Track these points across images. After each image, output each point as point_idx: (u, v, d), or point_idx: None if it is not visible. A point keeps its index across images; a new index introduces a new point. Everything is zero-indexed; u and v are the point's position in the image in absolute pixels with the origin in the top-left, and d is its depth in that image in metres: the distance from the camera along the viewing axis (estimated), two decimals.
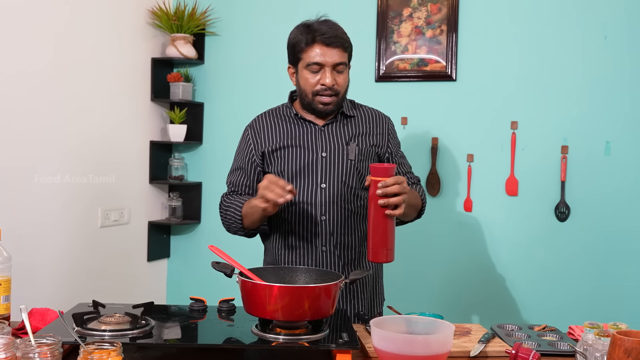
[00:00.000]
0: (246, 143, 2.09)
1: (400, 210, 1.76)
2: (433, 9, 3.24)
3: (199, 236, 3.67)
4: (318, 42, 1.93)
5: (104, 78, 3.19)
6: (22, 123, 2.74)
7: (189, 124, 3.60)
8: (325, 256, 2.01)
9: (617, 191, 3.05)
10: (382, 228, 1.76)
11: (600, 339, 1.54)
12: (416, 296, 3.28)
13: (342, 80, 1.98)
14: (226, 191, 2.11)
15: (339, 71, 1.96)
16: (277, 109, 2.12)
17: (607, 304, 3.04)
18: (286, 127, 2.05)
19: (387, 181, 1.72)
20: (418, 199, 2.06)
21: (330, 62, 1.93)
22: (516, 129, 3.15)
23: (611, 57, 3.04)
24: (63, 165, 2.94)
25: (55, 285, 2.91)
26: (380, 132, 2.10)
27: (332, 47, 1.93)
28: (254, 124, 2.11)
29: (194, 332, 1.63)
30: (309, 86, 1.97)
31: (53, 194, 2.90)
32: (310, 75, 1.96)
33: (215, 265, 1.65)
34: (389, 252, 1.79)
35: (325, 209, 2.00)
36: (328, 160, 2.01)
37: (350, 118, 2.07)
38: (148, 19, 3.48)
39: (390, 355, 1.43)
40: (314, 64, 1.94)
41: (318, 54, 1.93)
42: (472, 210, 3.22)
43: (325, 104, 1.98)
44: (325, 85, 1.94)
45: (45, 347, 1.28)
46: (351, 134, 2.05)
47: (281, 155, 2.03)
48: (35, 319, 1.70)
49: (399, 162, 2.12)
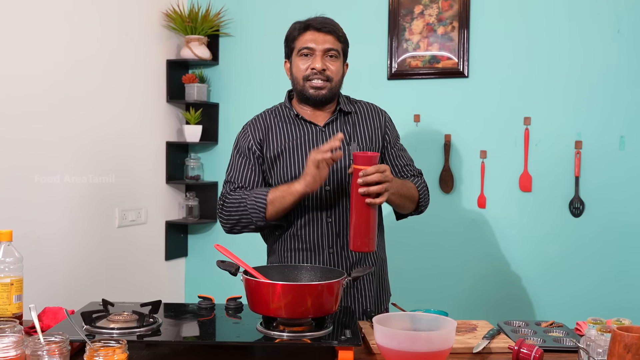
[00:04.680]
0: (246, 140, 2.06)
1: (382, 199, 1.76)
2: (444, 6, 3.24)
3: (216, 235, 3.71)
4: (310, 29, 1.98)
5: (120, 80, 3.24)
6: (42, 123, 2.81)
7: (204, 124, 3.64)
8: (332, 258, 2.01)
9: (632, 186, 3.02)
10: (364, 217, 1.76)
11: (603, 334, 1.55)
12: (429, 293, 3.29)
13: (335, 67, 1.99)
14: (226, 188, 2.04)
15: (331, 56, 1.98)
16: (276, 109, 2.12)
17: (621, 299, 3.01)
18: (287, 129, 2.05)
19: (368, 170, 1.73)
20: (412, 189, 2.04)
21: (321, 47, 1.96)
22: (529, 124, 3.14)
23: (625, 51, 3.02)
24: (80, 166, 3.00)
25: (73, 285, 2.97)
26: (379, 126, 2.10)
27: (324, 32, 1.96)
28: (254, 122, 2.09)
29: (201, 329, 1.66)
30: (300, 72, 1.99)
31: (71, 194, 2.96)
32: (301, 62, 1.99)
33: (220, 264, 1.68)
34: (370, 241, 1.78)
35: (330, 211, 2.00)
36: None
37: (348, 115, 2.08)
38: (162, 21, 3.53)
39: (393, 352, 1.45)
40: (305, 48, 1.97)
41: (309, 39, 1.97)
42: (486, 207, 3.22)
43: (317, 88, 1.98)
44: (316, 69, 1.96)
45: (53, 344, 1.32)
46: (351, 133, 2.05)
47: (284, 160, 2.02)
48: (48, 317, 1.75)
49: (397, 155, 2.12)
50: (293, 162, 2.02)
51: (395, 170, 2.11)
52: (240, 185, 2.04)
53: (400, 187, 1.96)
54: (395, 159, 2.12)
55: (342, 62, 2.03)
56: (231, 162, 2.10)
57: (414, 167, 2.15)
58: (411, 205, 2.07)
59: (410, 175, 2.12)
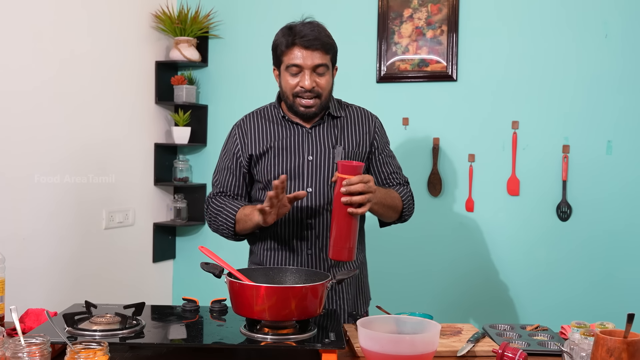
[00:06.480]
0: (233, 143, 2.09)
1: (364, 209, 1.77)
2: (433, 10, 3.25)
3: (204, 237, 3.70)
4: (297, 45, 1.94)
5: (108, 81, 3.23)
6: (27, 124, 2.79)
7: (193, 126, 3.63)
8: (310, 259, 2.02)
9: (619, 190, 3.04)
10: (345, 226, 1.77)
11: (587, 338, 1.55)
12: (415, 296, 3.29)
13: (324, 82, 1.98)
14: (213, 191, 2.11)
15: (319, 73, 1.97)
16: (265, 109, 2.13)
17: (608, 303, 3.02)
18: (274, 129, 2.06)
19: (352, 179, 1.74)
20: (397, 199, 2.05)
21: (310, 65, 1.94)
22: (517, 128, 3.15)
23: (612, 56, 3.03)
24: (67, 167, 2.99)
25: (59, 287, 2.95)
26: (367, 131, 2.10)
27: (312, 49, 1.93)
28: (242, 124, 2.11)
29: (184, 332, 1.65)
30: (289, 88, 1.98)
31: (57, 196, 2.94)
32: (290, 78, 1.97)
33: (204, 266, 1.67)
34: (350, 250, 1.80)
35: (311, 212, 2.00)
36: (314, 164, 2.01)
37: (337, 119, 2.08)
38: (152, 22, 3.52)
39: (377, 355, 1.45)
40: (293, 66, 1.95)
41: (297, 56, 1.94)
42: (474, 210, 3.23)
43: (307, 107, 1.98)
44: (304, 88, 1.95)
45: (34, 346, 1.31)
46: (338, 137, 2.05)
47: (268, 158, 2.03)
48: (31, 319, 1.73)
49: (385, 161, 2.12)
50: (278, 161, 2.02)
51: (382, 177, 2.12)
52: (222, 191, 2.10)
53: (384, 197, 1.96)
54: (382, 165, 2.12)
55: (331, 72, 2.02)
56: (218, 163, 2.13)
57: (401, 175, 2.16)
58: (394, 215, 2.08)
59: (396, 184, 2.12)
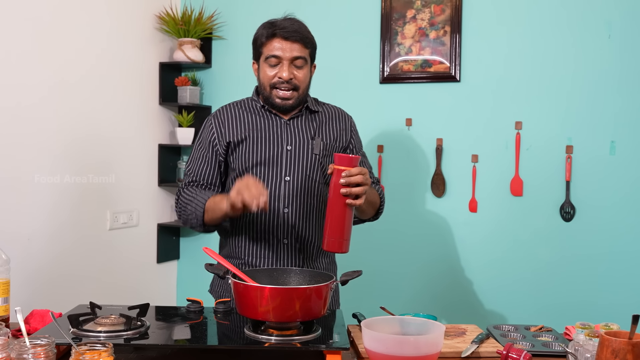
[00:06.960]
0: (209, 132, 2.08)
1: (361, 201, 1.78)
2: (436, 10, 3.25)
3: (208, 237, 3.69)
4: (277, 36, 1.97)
5: (113, 83, 3.24)
6: (33, 125, 2.80)
7: (196, 127, 3.64)
8: (286, 249, 2.03)
9: (623, 191, 3.03)
10: (341, 217, 1.78)
11: (591, 339, 1.55)
12: (419, 297, 3.29)
13: (302, 75, 2.00)
14: (184, 181, 2.10)
15: (297, 66, 1.99)
16: (242, 102, 2.14)
17: (613, 304, 3.01)
18: (251, 118, 2.07)
19: (352, 170, 1.75)
20: (377, 196, 2.08)
21: (289, 57, 1.96)
22: (520, 129, 3.15)
23: (615, 56, 3.03)
24: (71, 168, 2.99)
25: (63, 287, 2.95)
26: (343, 129, 2.13)
27: (291, 41, 1.96)
28: (218, 114, 2.10)
29: (189, 333, 1.66)
30: (267, 79, 2.00)
31: (61, 197, 2.95)
32: (268, 69, 2.00)
33: (209, 267, 1.67)
34: (344, 242, 1.80)
35: (288, 201, 2.01)
36: (293, 154, 2.03)
37: (315, 113, 2.11)
38: (155, 24, 3.53)
39: (381, 356, 1.45)
40: (272, 57, 1.97)
41: (276, 47, 1.97)
42: (477, 211, 3.22)
43: (284, 99, 2.00)
44: (282, 79, 1.97)
45: (39, 347, 1.32)
46: (316, 130, 2.08)
47: (246, 146, 2.03)
48: (36, 320, 1.74)
49: (362, 161, 2.14)
50: (254, 149, 2.03)
51: None
52: (194, 180, 2.07)
53: (369, 193, 1.98)
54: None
55: (309, 68, 2.04)
56: (192, 153, 2.12)
57: (372, 175, 2.18)
58: (372, 212, 2.10)
59: (372, 182, 2.14)
